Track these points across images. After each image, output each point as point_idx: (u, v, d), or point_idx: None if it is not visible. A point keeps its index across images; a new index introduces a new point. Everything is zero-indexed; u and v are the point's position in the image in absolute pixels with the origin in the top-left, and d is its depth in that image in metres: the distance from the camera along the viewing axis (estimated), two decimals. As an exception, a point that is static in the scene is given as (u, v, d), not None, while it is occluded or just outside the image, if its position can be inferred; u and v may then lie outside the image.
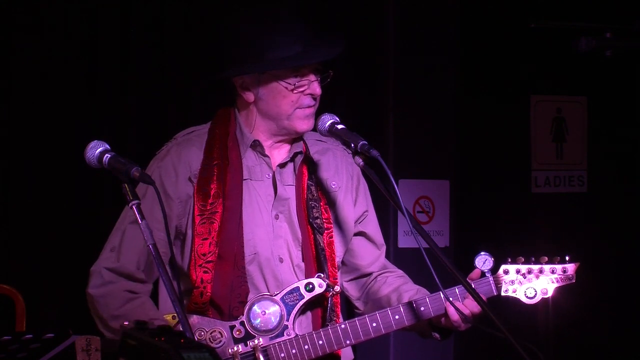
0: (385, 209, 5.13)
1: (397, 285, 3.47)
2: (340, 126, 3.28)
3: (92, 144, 3.02)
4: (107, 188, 4.54)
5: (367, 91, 5.29)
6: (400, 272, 3.57)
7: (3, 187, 4.61)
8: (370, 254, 3.53)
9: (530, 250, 3.43)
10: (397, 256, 5.21)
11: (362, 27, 5.26)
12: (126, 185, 2.93)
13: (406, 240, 5.24)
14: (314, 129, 3.35)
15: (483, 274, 3.31)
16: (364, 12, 5.27)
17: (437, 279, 3.19)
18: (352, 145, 3.20)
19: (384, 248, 3.58)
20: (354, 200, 3.48)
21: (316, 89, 3.30)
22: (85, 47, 4.69)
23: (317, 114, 3.33)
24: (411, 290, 3.41)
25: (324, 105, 3.42)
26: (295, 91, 3.28)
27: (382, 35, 5.34)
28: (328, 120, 3.30)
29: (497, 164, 5.70)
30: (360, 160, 3.19)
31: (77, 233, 4.50)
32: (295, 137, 3.38)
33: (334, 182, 3.44)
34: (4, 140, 4.61)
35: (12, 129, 4.62)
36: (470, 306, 3.24)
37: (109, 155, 2.99)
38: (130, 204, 2.91)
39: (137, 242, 3.26)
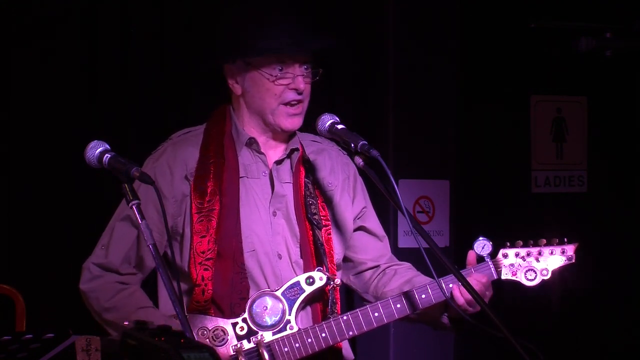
0: (385, 209, 5.12)
1: (410, 277, 3.46)
2: (340, 126, 3.28)
3: (92, 144, 3.03)
4: (107, 188, 4.53)
5: (367, 91, 5.28)
6: (408, 264, 3.56)
7: (3, 187, 4.60)
8: (373, 247, 3.54)
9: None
10: (397, 256, 5.19)
11: (362, 27, 5.25)
12: (126, 185, 2.93)
13: (406, 240, 5.23)
14: (314, 130, 3.35)
15: (482, 259, 3.31)
16: (364, 11, 5.27)
17: (437, 279, 3.19)
18: (352, 145, 3.20)
19: (386, 239, 3.58)
20: (351, 199, 3.49)
21: (300, 84, 3.28)
22: (85, 46, 4.68)
23: (317, 114, 3.33)
24: (424, 282, 3.38)
25: (323, 105, 3.42)
26: (277, 83, 3.26)
27: (382, 35, 5.33)
28: (328, 120, 3.30)
29: (497, 164, 5.69)
30: (360, 160, 3.19)
31: (77, 233, 4.49)
32: (289, 135, 3.38)
33: (330, 182, 3.44)
34: (4, 140, 4.61)
35: (12, 129, 4.62)
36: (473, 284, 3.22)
37: (109, 155, 3.00)
38: (130, 204, 2.91)
39: (125, 239, 3.30)
